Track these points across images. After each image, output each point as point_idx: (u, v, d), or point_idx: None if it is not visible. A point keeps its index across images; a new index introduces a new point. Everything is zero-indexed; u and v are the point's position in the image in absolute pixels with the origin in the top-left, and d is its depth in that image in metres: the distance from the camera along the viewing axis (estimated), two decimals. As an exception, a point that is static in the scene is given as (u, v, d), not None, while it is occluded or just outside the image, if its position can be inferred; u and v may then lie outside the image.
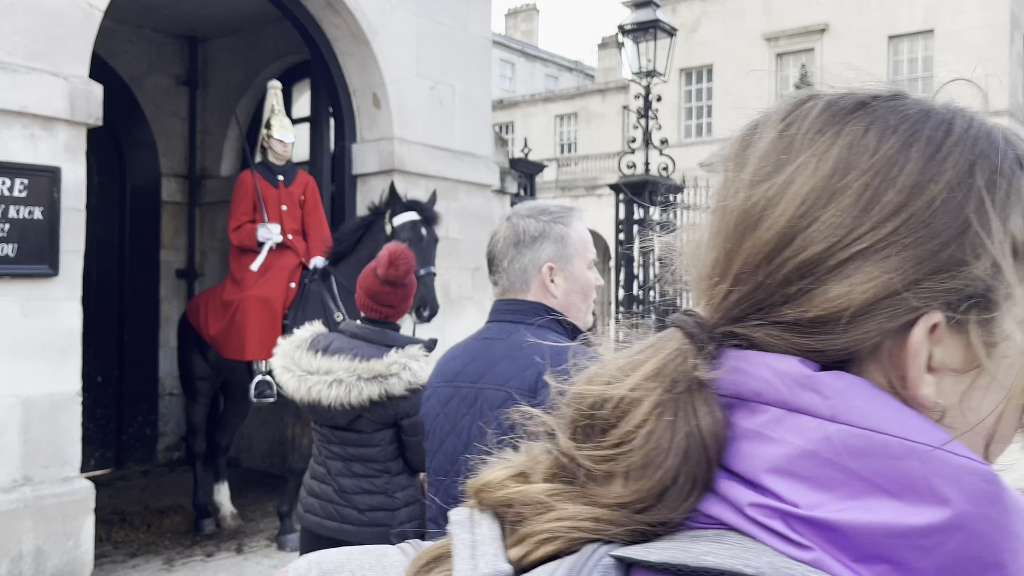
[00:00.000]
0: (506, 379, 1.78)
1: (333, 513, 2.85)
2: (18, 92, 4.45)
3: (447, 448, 1.85)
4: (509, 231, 1.89)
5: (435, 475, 1.90)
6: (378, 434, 2.80)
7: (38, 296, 4.59)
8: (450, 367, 1.91)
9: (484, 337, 1.89)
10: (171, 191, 8.38)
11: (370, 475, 2.83)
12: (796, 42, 26.16)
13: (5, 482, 4.44)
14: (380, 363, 2.73)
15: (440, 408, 1.89)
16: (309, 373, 2.77)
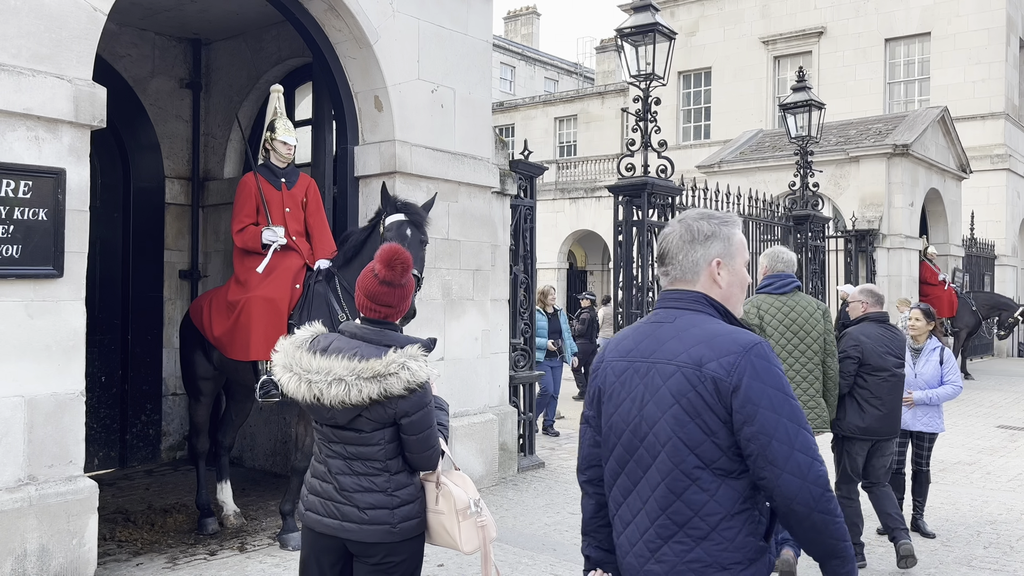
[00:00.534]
0: (674, 355, 2.12)
1: (334, 511, 2.88)
2: (23, 94, 4.50)
3: (623, 410, 2.20)
4: (684, 230, 2.24)
5: (612, 433, 2.23)
6: (377, 433, 2.84)
7: (43, 297, 4.63)
8: (623, 345, 2.27)
9: (654, 321, 2.25)
10: (174, 193, 8.43)
11: (370, 474, 2.87)
12: (793, 45, 26.24)
13: (10, 481, 4.49)
14: (379, 363, 2.76)
15: (615, 378, 2.24)
16: (309, 373, 2.80)
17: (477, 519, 2.95)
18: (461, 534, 2.93)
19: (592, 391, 2.33)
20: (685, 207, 11.06)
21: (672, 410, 2.08)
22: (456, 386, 7.22)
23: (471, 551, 2.96)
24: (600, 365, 2.32)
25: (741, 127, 24.98)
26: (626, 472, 2.18)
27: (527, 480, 7.86)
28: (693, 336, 2.12)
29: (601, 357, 2.34)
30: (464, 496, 2.94)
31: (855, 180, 17.11)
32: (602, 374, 2.30)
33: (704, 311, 2.19)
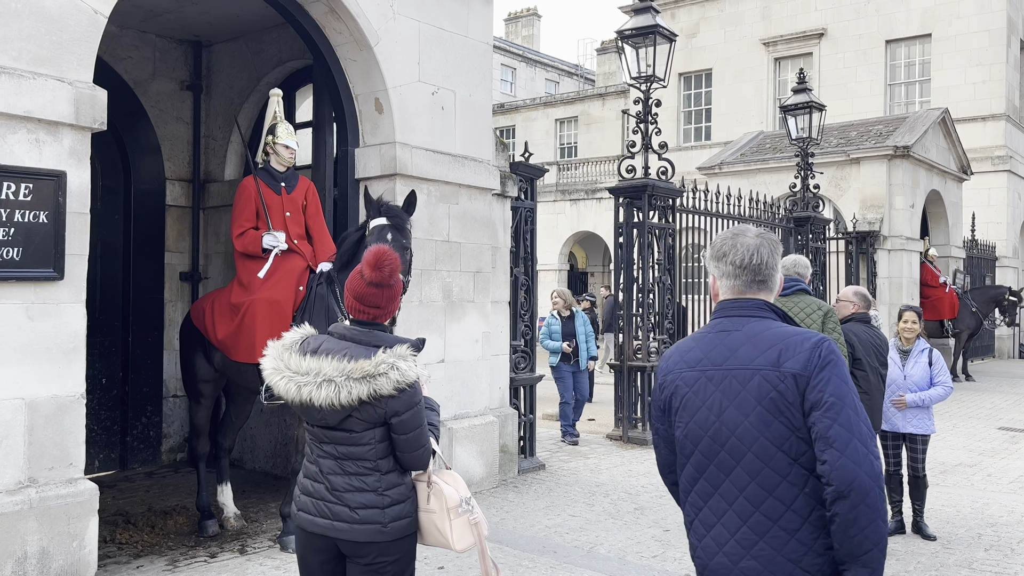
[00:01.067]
0: (750, 359, 2.24)
1: (325, 511, 2.90)
2: (24, 97, 4.50)
3: (699, 419, 2.29)
4: (768, 244, 2.40)
5: (688, 441, 2.32)
6: (368, 433, 2.86)
7: (43, 299, 4.63)
8: (690, 356, 2.36)
9: (720, 330, 2.35)
10: (175, 195, 8.44)
11: (361, 473, 2.89)
12: (794, 47, 26.24)
13: (10, 484, 4.49)
14: (368, 363, 2.78)
15: (687, 389, 2.33)
16: (299, 375, 2.82)
17: (469, 517, 2.97)
18: (453, 532, 2.94)
19: (661, 402, 2.42)
20: (686, 209, 11.06)
21: (756, 412, 2.19)
22: (457, 388, 7.22)
23: (463, 549, 2.98)
24: (667, 377, 2.40)
25: (742, 129, 24.98)
26: (706, 477, 2.27)
27: (528, 482, 7.85)
28: (766, 340, 2.25)
29: (666, 369, 2.42)
30: (455, 494, 2.95)
31: (856, 182, 17.11)
32: (671, 385, 2.38)
33: (768, 316, 2.34)
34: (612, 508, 6.97)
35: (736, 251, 2.38)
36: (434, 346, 6.99)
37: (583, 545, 5.95)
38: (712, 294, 2.48)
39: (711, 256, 2.45)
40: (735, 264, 2.37)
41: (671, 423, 2.39)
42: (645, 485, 7.82)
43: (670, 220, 10.47)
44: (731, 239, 2.41)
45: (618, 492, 7.54)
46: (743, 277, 2.37)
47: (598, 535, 6.20)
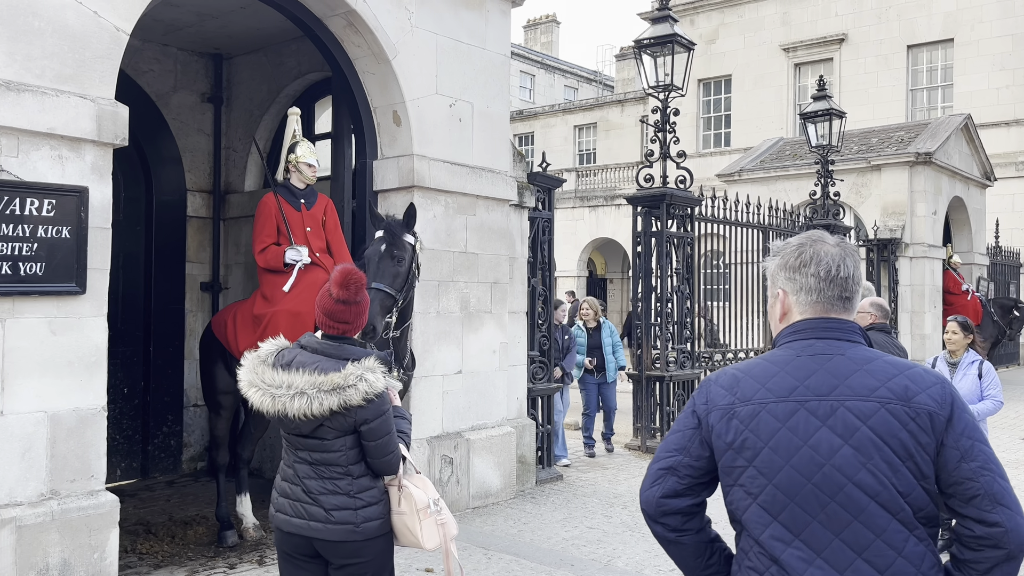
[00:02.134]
0: (869, 390, 1.85)
1: (301, 511, 3.07)
2: (47, 114, 4.57)
3: (800, 461, 1.84)
4: (852, 255, 2.03)
5: (780, 491, 1.85)
6: (339, 440, 3.03)
7: (65, 313, 4.69)
8: (779, 382, 1.91)
9: (815, 353, 1.94)
10: (196, 206, 8.52)
11: (334, 477, 3.06)
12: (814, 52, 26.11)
13: (32, 496, 4.54)
14: (338, 376, 2.95)
15: (777, 423, 1.87)
16: (273, 387, 2.98)
17: (437, 517, 3.14)
18: (423, 532, 3.11)
19: (722, 438, 1.93)
20: (705, 218, 11.02)
21: (881, 454, 1.80)
22: (474, 399, 7.23)
23: (432, 548, 3.15)
24: (744, 408, 1.92)
25: (761, 135, 24.87)
26: (805, 538, 1.82)
27: (545, 493, 7.84)
28: (883, 369, 1.88)
29: (738, 396, 1.93)
30: (424, 496, 3.14)
31: (877, 189, 16.98)
32: (750, 418, 1.90)
33: (861, 341, 1.98)
34: (630, 520, 6.94)
35: (820, 262, 1.99)
36: (451, 357, 7.01)
37: (601, 558, 5.94)
38: (778, 311, 2.06)
39: (783, 265, 2.04)
40: (819, 277, 1.99)
41: (733, 469, 1.91)
42: (663, 496, 7.78)
43: (688, 229, 10.43)
44: (810, 246, 2.02)
45: (636, 503, 7.49)
46: (828, 293, 1.99)
47: (616, 548, 6.18)
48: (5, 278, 4.42)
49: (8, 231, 4.42)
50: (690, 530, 2.04)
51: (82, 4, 4.74)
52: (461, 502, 7.02)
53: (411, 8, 6.68)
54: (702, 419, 1.98)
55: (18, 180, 4.46)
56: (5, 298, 4.43)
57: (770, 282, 2.09)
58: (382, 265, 5.33)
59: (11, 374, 4.47)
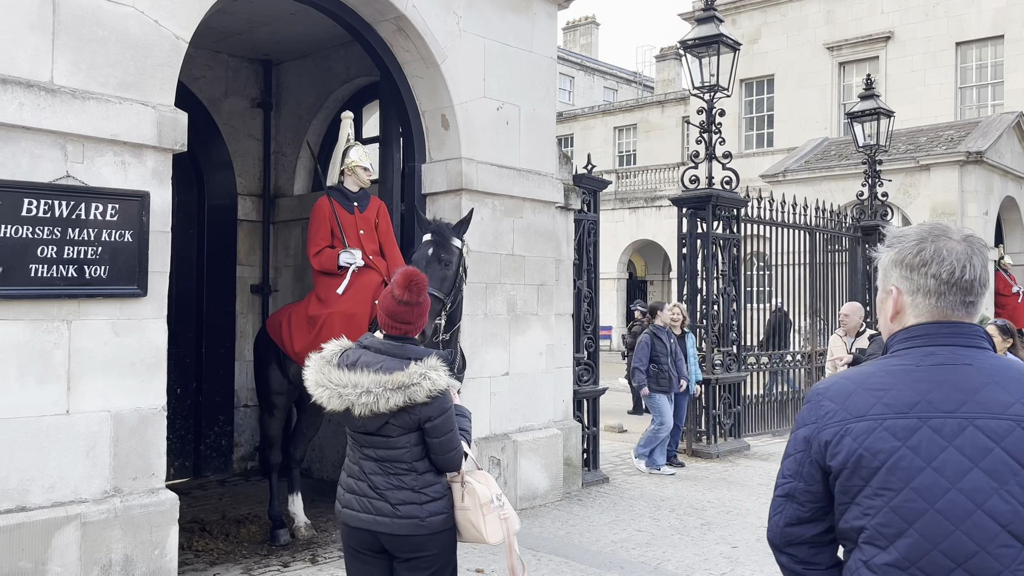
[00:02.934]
0: (1004, 406, 1.68)
1: (368, 507, 3.15)
2: (111, 121, 4.69)
3: (922, 485, 1.67)
4: (979, 253, 1.81)
5: (897, 516, 1.69)
6: (403, 438, 3.11)
7: (128, 315, 4.81)
8: (900, 397, 1.73)
9: (937, 363, 1.76)
10: (246, 209, 8.66)
11: (399, 473, 3.14)
12: (859, 51, 25.71)
13: (97, 493, 4.66)
14: (404, 374, 3.05)
15: (896, 442, 1.70)
16: (340, 387, 3.06)
17: (500, 512, 3.20)
18: (486, 527, 3.17)
19: (835, 459, 1.77)
20: (751, 219, 10.93)
21: (1017, 479, 1.63)
22: (521, 401, 7.26)
23: (496, 542, 3.20)
24: (857, 425, 1.75)
25: (805, 135, 24.57)
26: (923, 566, 1.67)
27: (592, 495, 7.84)
28: (1018, 381, 1.70)
29: (851, 412, 1.76)
30: (487, 491, 3.20)
31: (926, 189, 16.70)
32: (864, 437, 1.73)
33: (988, 348, 1.79)
34: (678, 523, 6.92)
35: (943, 261, 1.79)
36: (499, 359, 7.05)
37: (650, 561, 5.92)
38: (890, 310, 1.87)
39: (898, 261, 1.84)
40: (940, 279, 1.79)
41: (849, 488, 1.75)
42: (711, 500, 7.75)
43: (734, 230, 10.36)
44: (932, 242, 1.81)
45: (684, 507, 7.48)
46: (950, 297, 1.79)
47: (665, 551, 6.16)
48: (71, 281, 4.55)
49: (74, 235, 4.54)
50: (819, 564, 1.86)
51: (143, 14, 4.86)
52: (509, 503, 7.04)
53: (459, 12, 6.73)
54: (811, 440, 1.81)
55: (84, 185, 4.59)
56: (71, 300, 4.56)
57: (881, 275, 1.90)
58: (429, 269, 5.38)
59: (76, 374, 4.60)
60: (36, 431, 4.45)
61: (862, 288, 13.47)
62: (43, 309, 4.48)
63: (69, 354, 4.57)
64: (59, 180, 4.52)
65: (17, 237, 4.35)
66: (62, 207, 4.50)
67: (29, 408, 4.44)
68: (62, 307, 4.55)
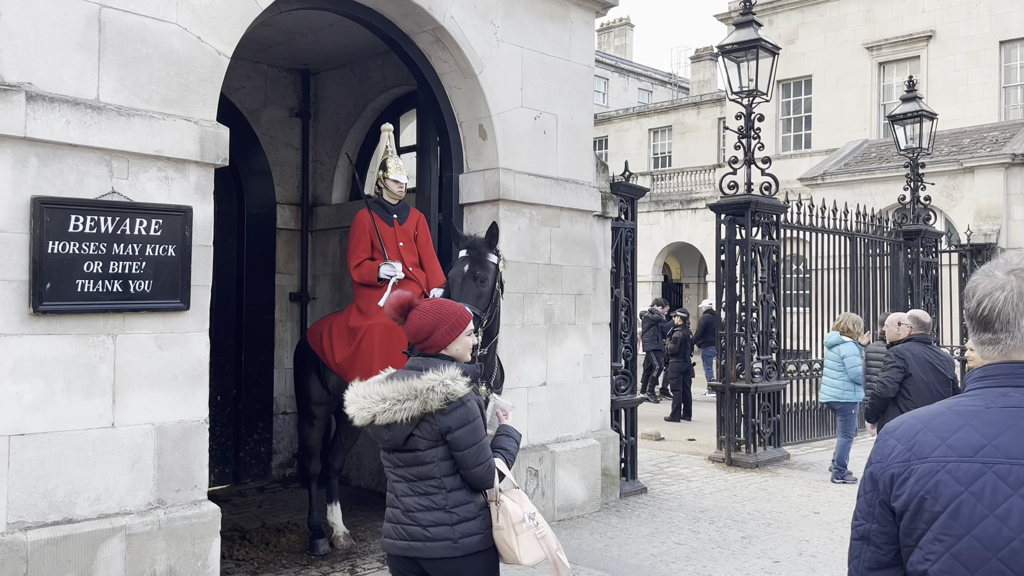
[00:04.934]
0: None
1: (403, 533, 3.15)
2: (154, 137, 4.74)
3: (984, 533, 1.61)
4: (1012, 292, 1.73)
5: (958, 563, 1.63)
6: (431, 451, 3.10)
7: (171, 329, 4.86)
8: (961, 438, 1.67)
9: (1007, 405, 1.68)
10: (285, 218, 8.74)
11: (429, 492, 3.12)
12: (900, 50, 25.28)
13: (141, 505, 4.72)
14: (419, 381, 3.09)
15: (959, 487, 1.64)
16: (365, 398, 3.15)
17: (535, 531, 3.17)
18: (520, 547, 3.14)
19: (899, 500, 1.73)
20: (790, 224, 10.79)
21: None
22: (559, 411, 7.22)
23: (531, 564, 3.17)
24: (919, 465, 1.70)
25: (844, 136, 24.23)
26: None
27: (630, 506, 7.78)
28: None
29: (915, 453, 1.72)
30: (519, 510, 3.17)
31: (970, 192, 16.37)
32: (927, 479, 1.69)
33: None
34: (718, 536, 6.83)
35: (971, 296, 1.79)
36: (536, 369, 7.02)
37: (691, 575, 5.85)
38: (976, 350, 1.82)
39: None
40: (969, 315, 1.79)
41: (913, 531, 1.70)
42: (751, 511, 7.65)
43: (774, 236, 10.23)
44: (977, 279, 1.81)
45: (723, 519, 7.39)
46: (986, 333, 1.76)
47: (705, 565, 6.09)
48: (116, 295, 4.60)
49: (119, 250, 4.60)
50: None
51: (186, 30, 4.92)
52: (546, 515, 7.01)
53: (497, 23, 6.72)
54: (878, 480, 1.77)
55: (128, 201, 4.65)
56: (116, 315, 4.62)
57: None
58: (465, 287, 5.36)
59: (121, 388, 4.66)
60: (82, 444, 4.52)
61: (904, 294, 13.24)
62: (89, 323, 4.54)
63: (114, 368, 4.63)
64: (105, 196, 4.58)
65: (64, 253, 4.42)
66: (107, 223, 4.56)
67: (76, 421, 4.50)
68: (108, 321, 4.61)
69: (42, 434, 4.39)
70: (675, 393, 14.16)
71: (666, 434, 12.14)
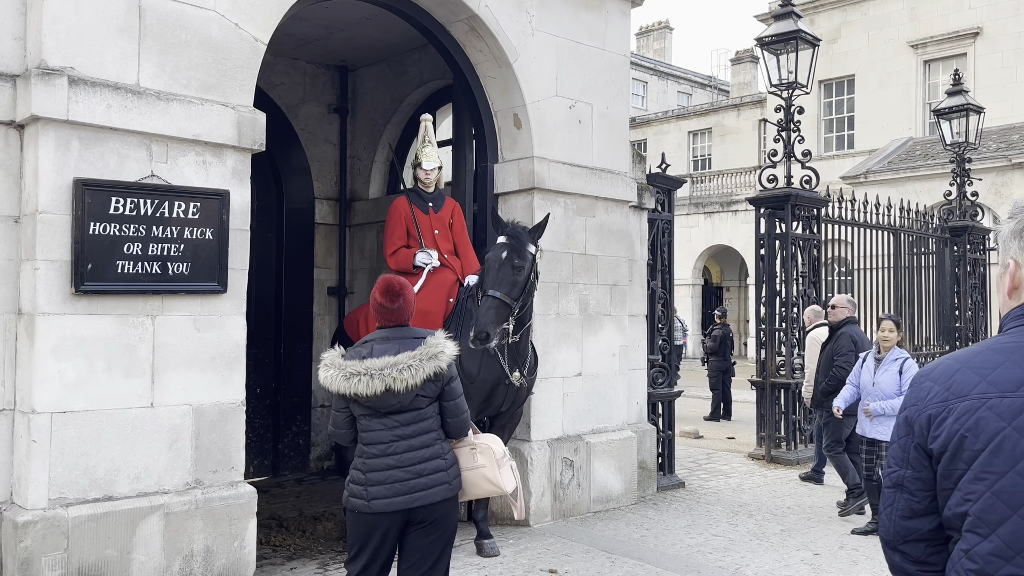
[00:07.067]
0: None
1: (401, 489, 3.41)
2: (192, 122, 4.82)
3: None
4: None
5: (1000, 501, 1.58)
6: (431, 407, 3.50)
7: (208, 311, 4.93)
8: (1007, 375, 1.62)
9: None
10: (323, 213, 8.83)
11: (429, 444, 3.49)
12: (946, 48, 24.81)
13: (179, 485, 4.78)
14: (429, 346, 3.46)
15: (1003, 424, 1.59)
16: (375, 369, 3.37)
17: (511, 464, 3.72)
18: (502, 478, 3.63)
19: (937, 441, 1.68)
20: (831, 219, 10.62)
21: None
22: (594, 402, 7.17)
23: (511, 490, 3.67)
24: (958, 404, 1.65)
25: (888, 136, 23.81)
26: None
27: (667, 500, 7.69)
28: None
29: (953, 391, 1.67)
30: (500, 447, 3.68)
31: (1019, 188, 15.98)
32: (967, 417, 1.64)
33: None
34: (757, 529, 6.72)
35: None
36: (571, 359, 6.99)
37: (728, 566, 5.76)
38: (1007, 285, 1.75)
39: (1018, 231, 1.73)
40: None
41: (952, 472, 1.65)
42: (791, 506, 7.51)
43: (815, 231, 10.07)
44: None
45: (762, 512, 7.27)
46: None
47: (743, 556, 5.99)
48: (155, 277, 4.68)
49: (158, 233, 4.68)
50: (935, 566, 1.73)
51: (224, 17, 4.99)
52: (582, 505, 6.97)
53: (531, 11, 6.72)
54: (913, 422, 1.71)
55: (167, 184, 4.73)
56: (155, 296, 4.70)
57: (1001, 248, 1.77)
58: (502, 273, 5.37)
59: (160, 369, 4.73)
60: (123, 423, 4.59)
61: (950, 292, 12.95)
62: (129, 304, 4.62)
63: (153, 348, 4.71)
64: (144, 179, 4.67)
65: (105, 234, 4.50)
66: (147, 205, 4.64)
67: (116, 400, 4.58)
68: (147, 303, 4.68)
69: (83, 412, 4.47)
70: (714, 392, 14.00)
71: (705, 432, 12.00)
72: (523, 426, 6.62)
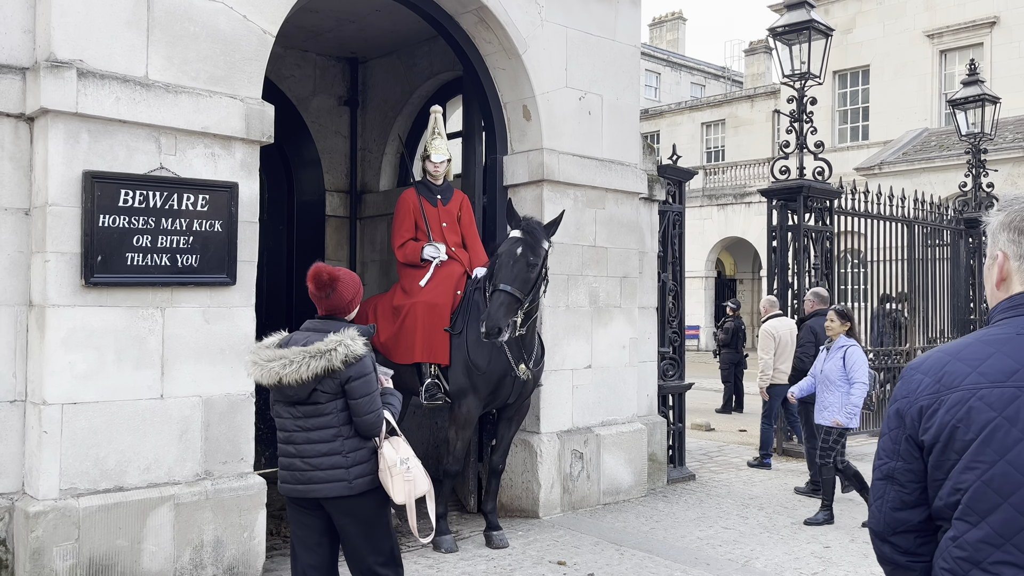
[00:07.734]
0: None
1: (300, 478, 3.52)
2: (201, 114, 4.83)
3: (1016, 457, 1.58)
4: None
5: (990, 489, 1.59)
6: (331, 404, 3.48)
7: (218, 303, 4.95)
8: (997, 366, 1.64)
9: None
10: (334, 206, 8.83)
11: (327, 440, 3.49)
12: (962, 38, 24.56)
13: (189, 476, 4.81)
14: (322, 343, 3.44)
15: (992, 412, 1.61)
16: (267, 361, 3.46)
17: (405, 475, 3.54)
18: (393, 487, 3.52)
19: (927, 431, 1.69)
20: (844, 211, 10.54)
21: None
22: (604, 394, 7.16)
23: (400, 502, 3.55)
24: (948, 395, 1.67)
25: (903, 127, 23.61)
26: (1017, 543, 1.58)
27: (677, 492, 7.68)
28: None
29: (944, 383, 1.68)
30: (393, 454, 3.54)
31: (1035, 179, 15.81)
32: (958, 407, 1.65)
33: None
34: (767, 522, 6.70)
35: None
36: (581, 351, 6.97)
37: (737, 558, 5.75)
38: (995, 276, 1.78)
39: (1007, 224, 1.76)
40: None
41: (943, 463, 1.66)
42: (802, 499, 7.49)
43: (827, 223, 10.00)
44: None
45: (773, 505, 7.25)
46: None
47: (753, 549, 5.97)
48: (164, 269, 4.70)
49: (167, 225, 4.70)
50: (925, 556, 1.74)
51: (232, 9, 4.99)
52: (592, 497, 6.97)
53: (541, 2, 6.69)
54: (904, 414, 1.73)
55: (176, 176, 4.74)
56: (165, 288, 4.72)
57: (990, 240, 1.80)
58: (516, 268, 5.37)
59: (170, 360, 4.75)
60: (133, 414, 4.62)
61: (965, 283, 12.84)
62: (139, 296, 4.64)
63: (163, 340, 4.73)
64: (153, 171, 4.68)
65: (114, 227, 4.52)
66: (156, 198, 4.66)
67: (126, 391, 4.60)
68: (156, 294, 4.70)
69: (94, 403, 4.50)
70: (726, 384, 13.95)
71: (716, 425, 11.97)
72: (532, 418, 6.61)
